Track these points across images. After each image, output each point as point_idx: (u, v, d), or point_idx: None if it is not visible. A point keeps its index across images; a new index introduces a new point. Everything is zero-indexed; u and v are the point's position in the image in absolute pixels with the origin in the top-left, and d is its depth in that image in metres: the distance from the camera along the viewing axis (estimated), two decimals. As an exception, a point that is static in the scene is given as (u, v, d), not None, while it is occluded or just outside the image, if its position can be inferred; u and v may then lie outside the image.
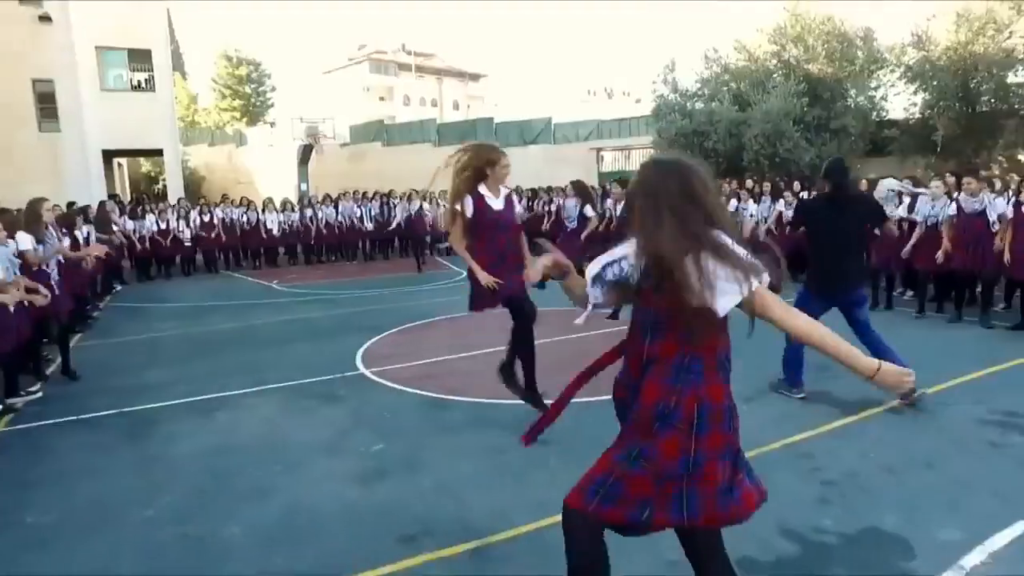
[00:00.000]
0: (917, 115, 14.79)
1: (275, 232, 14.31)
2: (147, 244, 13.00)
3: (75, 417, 4.91)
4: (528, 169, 23.31)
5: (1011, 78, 13.64)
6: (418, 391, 5.23)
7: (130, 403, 5.17)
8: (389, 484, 3.62)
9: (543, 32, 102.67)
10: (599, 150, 22.39)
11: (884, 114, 15.83)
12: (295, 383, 5.58)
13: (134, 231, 12.83)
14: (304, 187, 19.47)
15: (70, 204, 13.31)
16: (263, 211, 14.38)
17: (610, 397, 1.99)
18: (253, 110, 43.60)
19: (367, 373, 5.83)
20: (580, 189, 8.39)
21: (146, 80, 20.58)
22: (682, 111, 15.09)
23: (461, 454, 3.96)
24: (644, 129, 21.75)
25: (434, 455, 3.96)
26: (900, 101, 15.65)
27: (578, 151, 22.82)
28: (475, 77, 65.82)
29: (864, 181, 10.62)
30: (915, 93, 14.57)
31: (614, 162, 22.46)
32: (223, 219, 14.14)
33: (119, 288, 12.06)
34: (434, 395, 5.11)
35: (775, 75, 15.43)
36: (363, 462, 3.92)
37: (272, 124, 35.31)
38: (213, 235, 13.96)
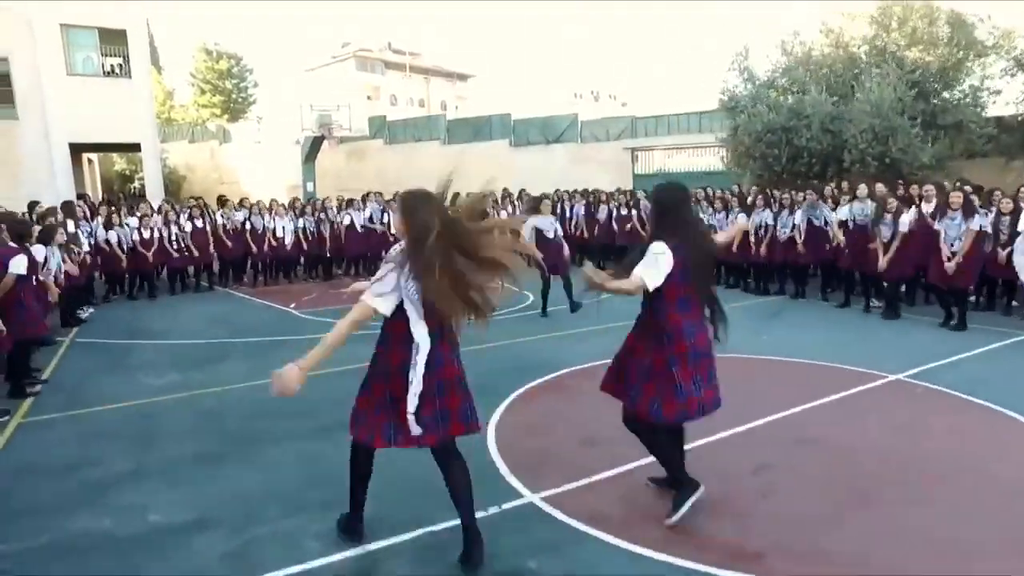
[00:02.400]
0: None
1: (287, 241, 11.61)
2: (120, 257, 10.28)
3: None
4: (551, 169, 20.91)
5: None
6: (676, 559, 2.77)
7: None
8: None
9: (525, 34, 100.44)
10: (634, 150, 20.07)
11: (983, 110, 13.77)
12: (421, 533, 3.07)
13: (117, 241, 10.17)
14: (311, 187, 16.76)
15: (31, 204, 10.61)
16: (271, 215, 11.68)
17: None
18: (235, 107, 40.71)
19: (539, 503, 3.34)
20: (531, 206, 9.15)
21: (120, 65, 17.93)
22: (769, 103, 12.84)
23: None
24: (687, 126, 19.59)
25: None
26: (1009, 94, 13.60)
27: (610, 151, 20.52)
28: (463, 77, 63.68)
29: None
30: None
31: (651, 163, 20.20)
32: (223, 225, 11.45)
33: (89, 313, 9.34)
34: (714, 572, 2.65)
35: (863, 63, 13.27)
36: None
37: (260, 119, 32.50)
38: (211, 244, 11.27)
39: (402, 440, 2.62)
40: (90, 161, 23.12)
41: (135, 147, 18.66)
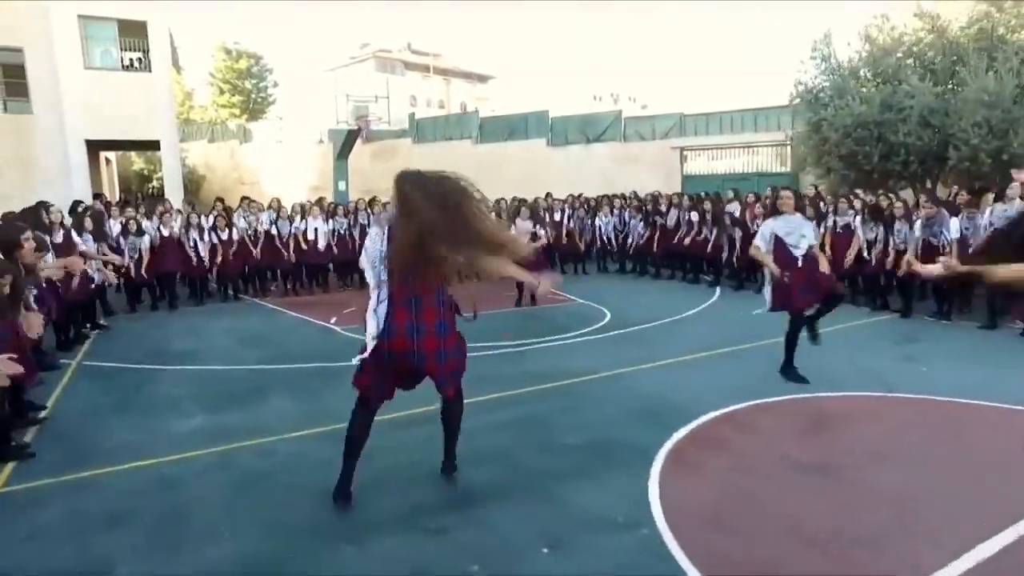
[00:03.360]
0: None
1: (321, 245, 10.37)
2: (136, 265, 9.13)
3: None
4: (592, 169, 19.56)
5: None
6: None
7: None
8: None
9: (544, 37, 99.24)
10: (683, 149, 18.67)
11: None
12: None
13: (132, 247, 9.05)
14: (343, 186, 15.57)
15: (39, 204, 9.52)
16: (303, 217, 10.46)
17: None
18: (254, 107, 39.91)
19: None
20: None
21: (139, 59, 16.94)
22: (859, 96, 11.42)
23: None
24: (740, 124, 18.19)
25: None
26: None
27: (657, 150, 19.14)
28: (483, 78, 62.61)
29: None
30: None
31: (702, 163, 18.81)
32: (246, 229, 10.24)
33: (103, 326, 8.17)
34: None
35: (965, 48, 11.82)
36: None
37: (281, 118, 31.57)
38: (232, 250, 10.03)
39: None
40: (108, 160, 22.20)
41: (154, 145, 17.66)
